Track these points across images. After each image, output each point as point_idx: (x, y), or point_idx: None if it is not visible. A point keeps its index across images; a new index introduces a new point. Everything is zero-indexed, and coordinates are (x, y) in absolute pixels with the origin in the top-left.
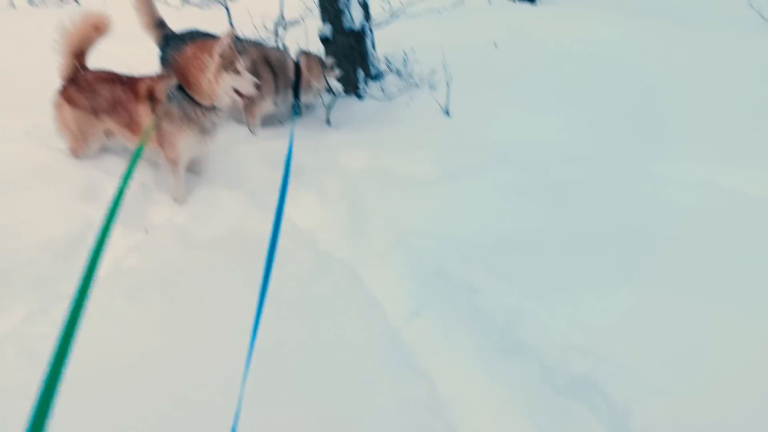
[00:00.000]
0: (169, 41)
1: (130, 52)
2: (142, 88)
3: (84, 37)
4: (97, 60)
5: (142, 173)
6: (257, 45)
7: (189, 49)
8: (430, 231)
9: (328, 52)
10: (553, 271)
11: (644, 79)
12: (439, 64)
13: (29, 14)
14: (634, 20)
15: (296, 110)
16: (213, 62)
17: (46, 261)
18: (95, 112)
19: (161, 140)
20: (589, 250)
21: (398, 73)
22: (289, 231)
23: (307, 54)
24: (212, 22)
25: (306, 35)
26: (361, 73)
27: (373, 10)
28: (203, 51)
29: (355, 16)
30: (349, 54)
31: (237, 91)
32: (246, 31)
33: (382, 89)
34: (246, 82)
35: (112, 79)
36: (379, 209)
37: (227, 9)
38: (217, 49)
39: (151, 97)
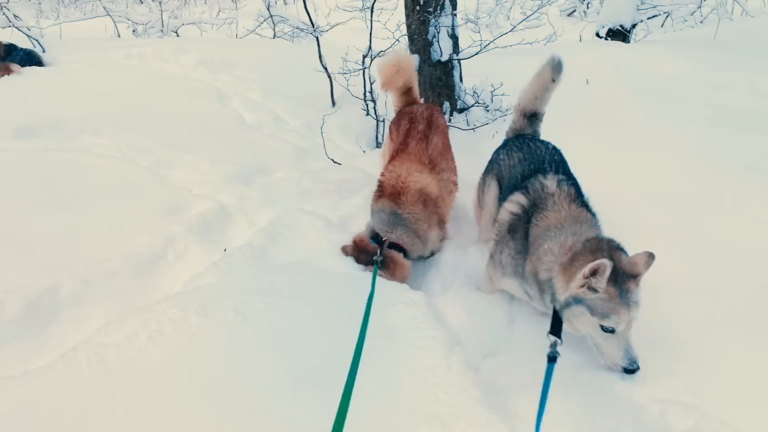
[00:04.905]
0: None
1: None
2: None
3: None
4: None
5: (227, 197)
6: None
7: None
8: None
9: None
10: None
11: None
12: None
13: (132, 43)
14: (734, 59)
15: None
16: None
17: (128, 274)
18: None
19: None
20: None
21: (485, 106)
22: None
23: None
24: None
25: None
26: (446, 105)
27: (463, 42)
28: None
29: (443, 47)
30: (436, 85)
31: None
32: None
33: (467, 121)
34: None
35: None
36: None
37: (318, 41)
38: None
39: None
